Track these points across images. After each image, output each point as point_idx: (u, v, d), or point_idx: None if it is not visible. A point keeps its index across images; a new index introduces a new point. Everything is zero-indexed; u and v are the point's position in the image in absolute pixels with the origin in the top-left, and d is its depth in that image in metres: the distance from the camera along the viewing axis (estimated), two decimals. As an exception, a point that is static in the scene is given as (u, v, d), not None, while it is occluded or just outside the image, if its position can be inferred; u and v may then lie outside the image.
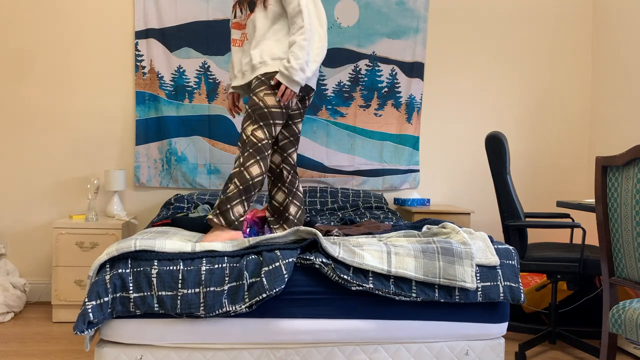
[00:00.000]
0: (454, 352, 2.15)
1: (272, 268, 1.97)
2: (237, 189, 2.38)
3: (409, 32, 4.03)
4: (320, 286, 2.05)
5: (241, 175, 2.39)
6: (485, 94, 4.19)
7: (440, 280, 2.07)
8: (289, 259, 2.02)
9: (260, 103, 2.47)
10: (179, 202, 3.54)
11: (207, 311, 1.93)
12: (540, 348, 3.09)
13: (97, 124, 3.82)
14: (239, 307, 1.94)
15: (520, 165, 4.24)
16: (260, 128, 2.45)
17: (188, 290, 1.95)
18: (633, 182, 1.99)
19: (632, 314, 1.93)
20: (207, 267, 1.99)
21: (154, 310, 1.94)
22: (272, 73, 2.53)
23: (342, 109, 4.00)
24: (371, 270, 2.05)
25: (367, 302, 2.08)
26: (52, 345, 2.92)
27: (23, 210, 3.77)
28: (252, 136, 2.43)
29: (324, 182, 3.99)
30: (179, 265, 1.99)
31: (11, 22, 3.72)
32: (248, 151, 2.42)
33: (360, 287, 2.02)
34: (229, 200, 2.36)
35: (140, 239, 2.06)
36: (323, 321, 2.06)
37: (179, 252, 2.04)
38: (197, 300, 1.94)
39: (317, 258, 2.04)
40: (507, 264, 2.18)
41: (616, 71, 3.96)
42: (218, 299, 1.94)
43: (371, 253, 2.09)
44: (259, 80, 2.53)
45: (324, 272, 2.03)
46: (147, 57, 3.79)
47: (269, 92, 2.49)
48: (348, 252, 2.08)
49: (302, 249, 2.12)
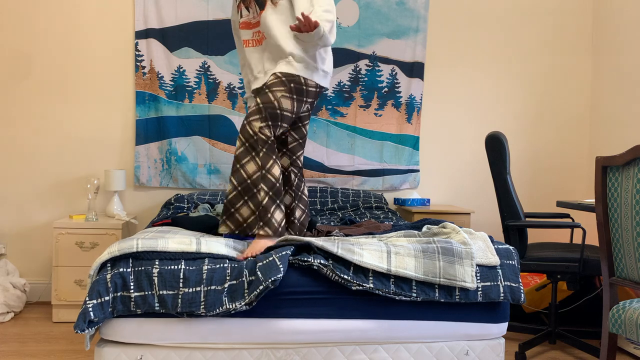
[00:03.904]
0: (454, 352, 2.15)
1: (266, 262, 1.98)
2: (268, 195, 2.30)
3: (409, 32, 4.03)
4: (321, 286, 2.05)
5: (266, 179, 2.31)
6: (485, 94, 4.19)
7: (440, 280, 2.07)
8: (282, 253, 2.03)
9: (275, 102, 2.39)
10: (179, 202, 3.54)
11: (207, 309, 1.93)
12: (540, 348, 3.09)
13: (97, 124, 3.82)
14: (239, 304, 1.94)
15: (520, 165, 4.24)
16: (268, 127, 2.36)
17: (189, 289, 1.95)
18: (633, 182, 1.99)
19: (632, 314, 1.93)
20: (209, 267, 2.00)
21: (155, 310, 1.94)
22: (293, 76, 2.44)
23: (342, 109, 4.00)
24: (371, 270, 2.05)
25: (367, 302, 2.08)
26: (52, 345, 2.92)
27: (23, 210, 3.77)
28: (260, 133, 2.34)
29: (324, 182, 3.99)
30: (181, 264, 2.00)
31: (11, 22, 3.72)
32: (263, 151, 2.33)
33: (361, 286, 2.02)
34: (266, 210, 2.28)
35: (142, 239, 2.07)
36: (323, 321, 2.06)
37: (182, 252, 2.05)
38: (198, 299, 1.94)
39: (315, 259, 2.04)
40: (508, 264, 2.19)
41: (616, 71, 3.96)
42: (218, 297, 1.94)
43: (371, 252, 2.10)
44: (279, 79, 2.43)
45: (324, 272, 2.03)
46: (147, 57, 3.79)
47: (287, 95, 2.41)
48: (347, 251, 2.08)
49: (296, 247, 2.12)
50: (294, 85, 2.44)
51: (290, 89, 2.43)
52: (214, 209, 3.04)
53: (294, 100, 2.44)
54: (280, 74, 2.45)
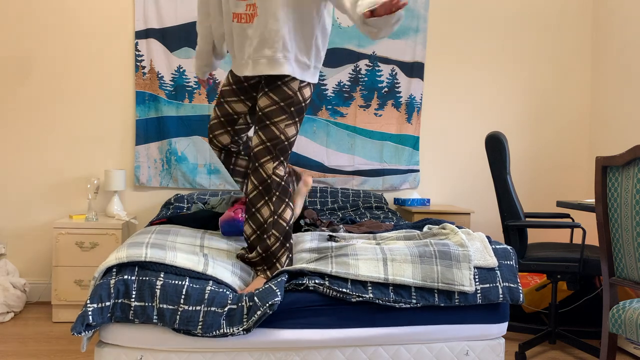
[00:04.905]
0: (454, 353, 2.15)
1: (262, 289, 1.97)
2: (279, 240, 2.21)
3: (409, 32, 4.03)
4: (319, 297, 2.03)
5: (277, 225, 2.21)
6: (486, 94, 4.19)
7: (439, 285, 2.06)
8: (277, 280, 2.01)
9: (281, 136, 2.22)
10: (179, 202, 3.54)
11: (204, 331, 1.90)
12: (540, 348, 3.09)
13: (97, 124, 3.82)
14: (236, 329, 1.91)
15: (520, 165, 4.24)
16: (281, 164, 2.23)
17: (189, 306, 1.92)
18: (633, 182, 1.99)
19: (632, 314, 1.93)
20: (212, 288, 1.97)
21: (152, 322, 1.92)
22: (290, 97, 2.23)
23: (342, 109, 4.00)
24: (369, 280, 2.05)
25: (367, 310, 2.06)
26: (52, 345, 2.92)
27: (23, 210, 3.77)
28: (274, 175, 2.20)
29: (324, 182, 3.99)
30: (185, 281, 1.97)
31: (11, 22, 3.72)
32: (276, 195, 2.21)
33: (361, 297, 2.01)
34: (274, 255, 2.21)
35: (151, 248, 2.05)
36: (323, 331, 2.03)
37: (188, 269, 2.02)
38: (197, 318, 1.91)
39: (310, 280, 2.02)
40: (506, 264, 2.18)
41: (616, 71, 3.96)
42: (217, 319, 1.91)
43: (366, 262, 2.08)
44: (278, 106, 2.22)
45: (321, 291, 2.02)
46: (147, 57, 3.79)
47: (290, 122, 2.24)
48: (342, 265, 2.06)
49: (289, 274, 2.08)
50: (294, 109, 2.27)
51: (292, 113, 2.25)
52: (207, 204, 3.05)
53: (297, 123, 2.30)
54: (278, 99, 2.23)
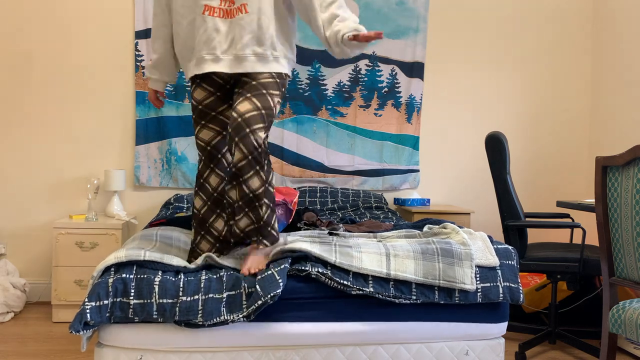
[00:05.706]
0: (454, 352, 2.15)
1: (265, 275, 1.96)
2: (269, 208, 2.14)
3: (409, 32, 4.03)
4: (320, 290, 2.04)
5: (268, 193, 2.14)
6: (485, 94, 4.19)
7: (440, 282, 2.07)
8: (281, 266, 2.01)
9: (274, 109, 2.16)
10: (179, 202, 3.54)
11: (205, 318, 1.91)
12: (540, 348, 3.09)
13: (97, 124, 3.82)
14: (237, 316, 1.92)
15: (520, 165, 4.24)
16: (267, 135, 2.15)
17: (188, 297, 1.93)
18: (633, 182, 1.99)
19: (632, 314, 1.93)
20: (206, 277, 1.99)
21: (153, 319, 1.92)
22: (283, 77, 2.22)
23: (342, 109, 4.00)
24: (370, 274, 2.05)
25: (367, 305, 2.07)
26: (52, 345, 2.92)
27: (23, 210, 3.77)
28: (264, 144, 2.11)
29: (324, 182, 3.98)
30: (181, 276, 2.00)
31: (11, 22, 3.72)
32: (266, 164, 2.14)
33: (361, 291, 2.02)
34: (267, 224, 2.13)
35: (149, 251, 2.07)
36: (323, 324, 2.04)
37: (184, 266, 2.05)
38: (196, 307, 1.92)
39: (313, 267, 2.02)
40: (507, 264, 2.18)
41: (616, 71, 3.96)
42: (217, 306, 1.92)
43: (369, 255, 2.09)
44: (274, 80, 2.19)
45: (322, 280, 2.02)
46: (147, 57, 3.79)
47: (279, 100, 2.21)
48: (345, 256, 2.07)
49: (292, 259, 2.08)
50: (284, 90, 2.25)
51: (282, 93, 2.22)
52: None
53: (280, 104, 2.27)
54: (276, 74, 2.20)
